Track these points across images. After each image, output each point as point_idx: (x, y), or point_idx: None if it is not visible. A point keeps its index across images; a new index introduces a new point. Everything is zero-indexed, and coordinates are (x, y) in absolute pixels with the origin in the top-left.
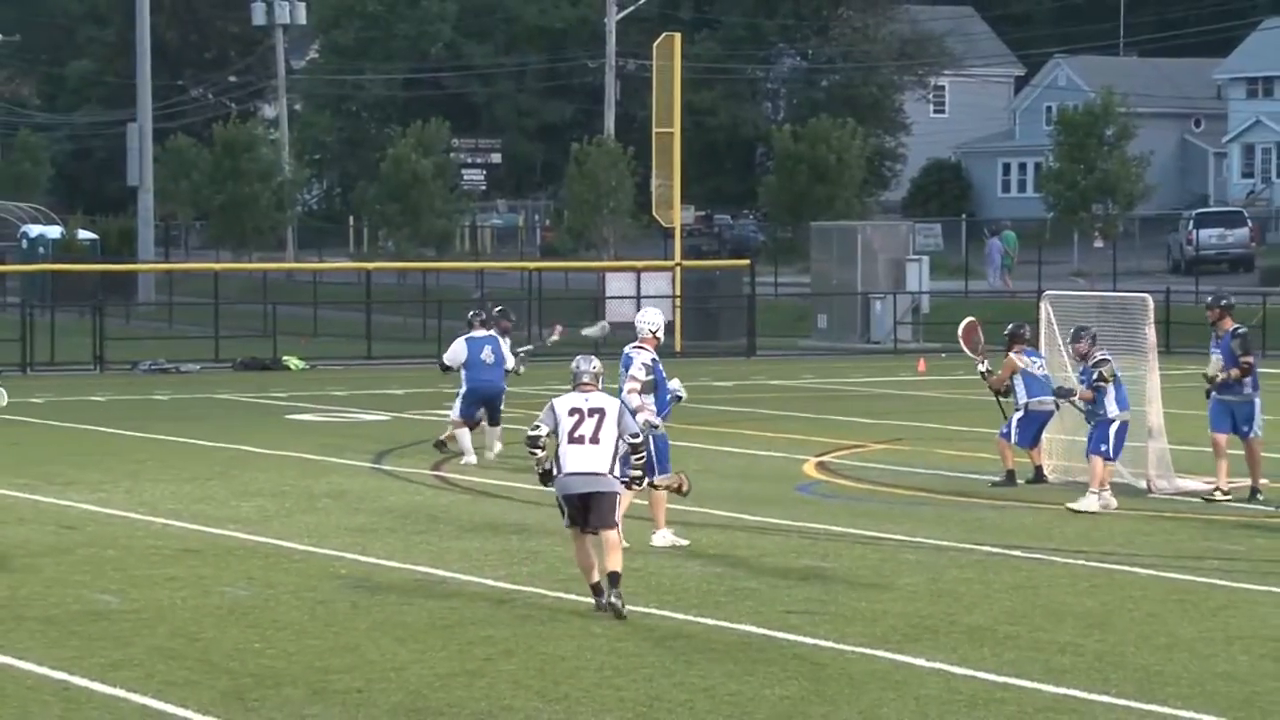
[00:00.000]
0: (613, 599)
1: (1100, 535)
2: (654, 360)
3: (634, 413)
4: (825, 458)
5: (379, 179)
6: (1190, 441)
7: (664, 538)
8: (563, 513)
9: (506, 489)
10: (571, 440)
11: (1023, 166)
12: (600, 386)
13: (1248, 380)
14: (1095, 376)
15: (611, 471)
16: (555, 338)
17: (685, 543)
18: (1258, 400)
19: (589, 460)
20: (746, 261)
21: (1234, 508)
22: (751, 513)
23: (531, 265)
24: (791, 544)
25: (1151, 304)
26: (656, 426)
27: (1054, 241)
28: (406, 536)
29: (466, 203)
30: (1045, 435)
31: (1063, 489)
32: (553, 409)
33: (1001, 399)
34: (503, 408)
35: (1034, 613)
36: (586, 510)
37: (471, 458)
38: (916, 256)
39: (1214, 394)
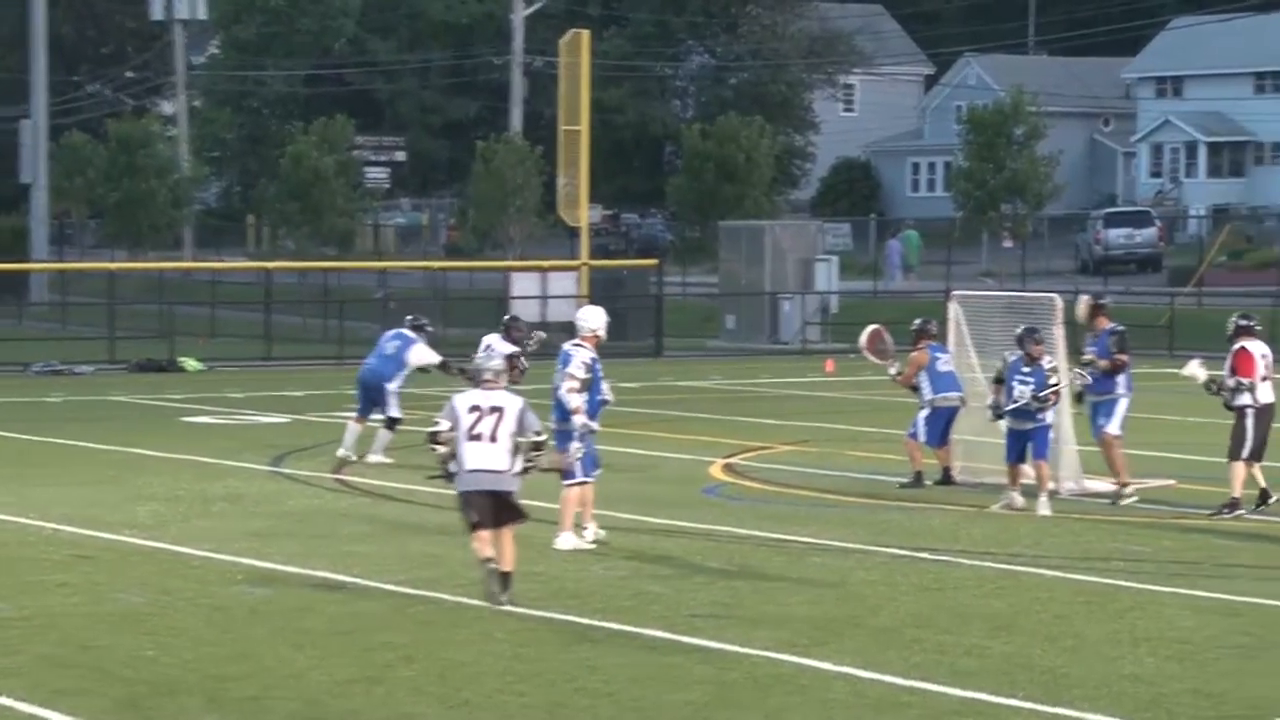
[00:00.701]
0: (503, 601)
1: (1007, 537)
2: (594, 359)
3: (572, 411)
4: (732, 459)
5: (280, 177)
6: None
7: (568, 540)
8: (464, 510)
9: (407, 492)
10: (470, 438)
11: (932, 166)
12: (503, 384)
13: (1120, 380)
14: (1050, 383)
15: (511, 469)
16: (532, 346)
17: (590, 545)
18: (1124, 400)
19: (487, 458)
20: (654, 261)
21: (1141, 508)
22: (657, 515)
23: (436, 265)
24: (697, 547)
25: (1060, 304)
26: (594, 431)
27: (963, 241)
28: (305, 541)
29: (369, 201)
30: (953, 436)
31: (970, 490)
32: (453, 406)
33: (897, 374)
34: (394, 413)
35: (941, 615)
36: (485, 508)
37: (347, 453)
38: (825, 256)
39: (1085, 396)
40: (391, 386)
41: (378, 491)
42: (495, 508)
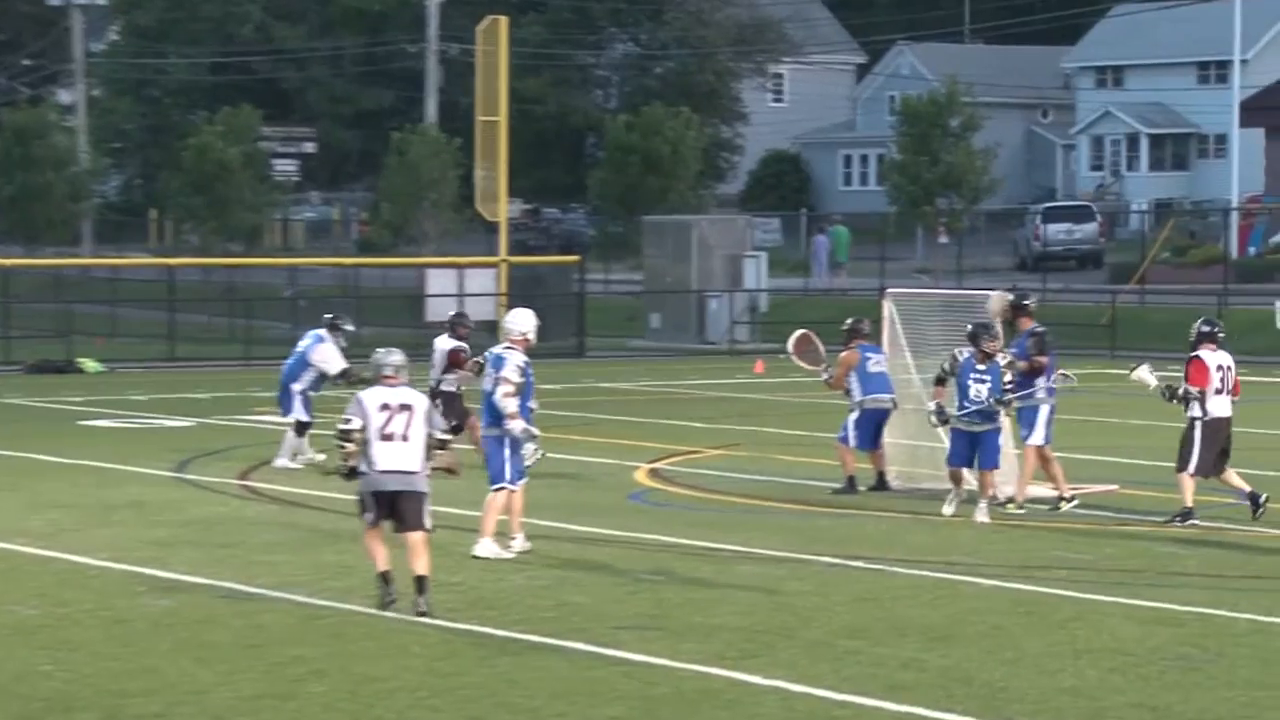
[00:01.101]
0: (421, 606)
1: (945, 545)
2: (526, 363)
3: (509, 417)
4: (658, 464)
5: (183, 169)
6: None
7: (487, 547)
8: (364, 510)
9: (319, 499)
10: (383, 437)
11: (864, 158)
12: (405, 380)
13: (1039, 383)
14: (1006, 380)
15: (423, 470)
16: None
17: (510, 555)
18: (1044, 408)
19: (401, 459)
20: (576, 258)
21: (1081, 514)
22: (580, 522)
23: (348, 261)
24: (623, 555)
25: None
26: (535, 436)
27: (897, 237)
28: (211, 550)
29: (277, 195)
30: (886, 440)
31: (906, 496)
32: (361, 403)
33: (830, 379)
34: (297, 414)
35: (875, 626)
36: (394, 510)
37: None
38: (754, 253)
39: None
40: (297, 388)
41: (287, 498)
42: (405, 510)
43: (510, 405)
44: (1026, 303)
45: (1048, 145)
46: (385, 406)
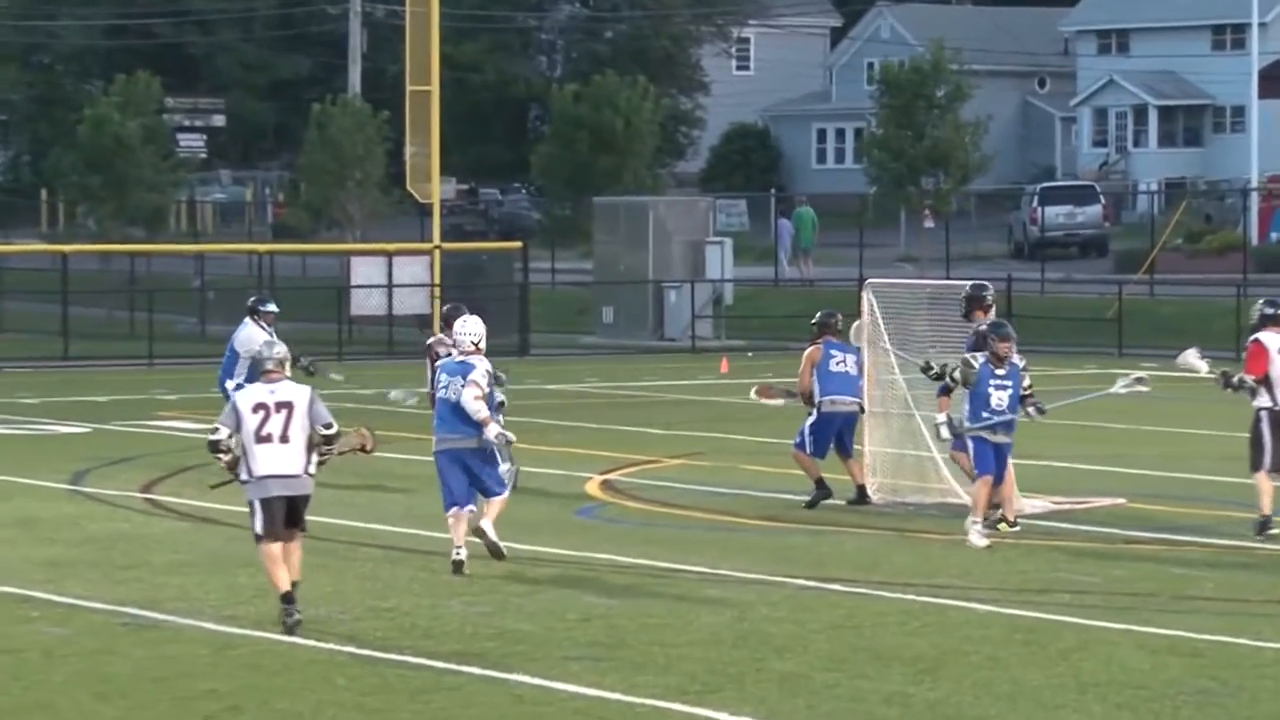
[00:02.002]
0: (294, 617)
1: (932, 566)
2: (490, 371)
3: (482, 423)
4: (611, 475)
5: (77, 145)
6: (1036, 455)
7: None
8: (255, 519)
9: (232, 514)
10: (259, 440)
11: (841, 133)
12: (288, 373)
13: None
14: (1026, 384)
15: (306, 471)
16: (337, 376)
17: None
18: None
19: (281, 461)
20: (518, 244)
21: (1086, 531)
22: (523, 540)
23: (262, 248)
24: (572, 577)
25: (991, 293)
26: (511, 441)
27: (878, 221)
28: (111, 571)
29: (183, 173)
30: (869, 449)
31: (890, 511)
32: (235, 406)
33: (792, 398)
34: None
35: (856, 657)
36: (279, 515)
37: None
38: (717, 239)
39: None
40: (231, 385)
41: (197, 513)
42: (287, 514)
43: (482, 410)
44: (984, 294)
45: (1045, 118)
46: (260, 406)
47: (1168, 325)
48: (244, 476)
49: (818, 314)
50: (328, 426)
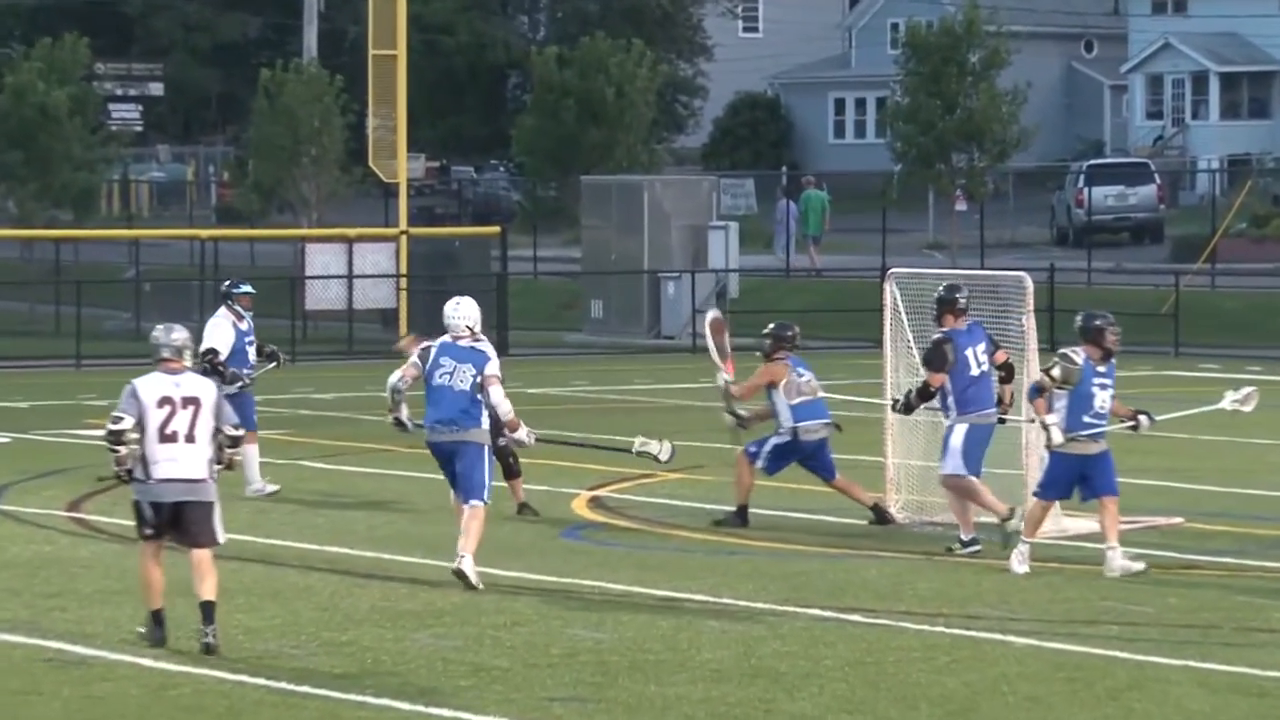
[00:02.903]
0: (208, 637)
1: (965, 594)
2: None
3: (510, 428)
4: (601, 491)
5: None
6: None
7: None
8: (142, 521)
9: None
10: (163, 439)
11: (861, 103)
12: (189, 364)
13: (949, 400)
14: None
15: (211, 475)
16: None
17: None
18: (958, 429)
19: (184, 465)
20: (496, 229)
21: (1139, 555)
22: (502, 566)
23: (205, 234)
24: (556, 609)
25: (1031, 285)
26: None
27: (903, 204)
28: (32, 600)
29: (115, 149)
30: (891, 462)
31: (915, 532)
32: (136, 394)
33: (740, 423)
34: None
35: (878, 697)
36: (176, 523)
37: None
38: (722, 223)
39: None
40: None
41: (129, 534)
42: (190, 523)
43: (510, 408)
44: (956, 296)
45: (1093, 87)
46: (166, 400)
47: (1231, 321)
48: (138, 475)
49: (771, 325)
50: (236, 427)
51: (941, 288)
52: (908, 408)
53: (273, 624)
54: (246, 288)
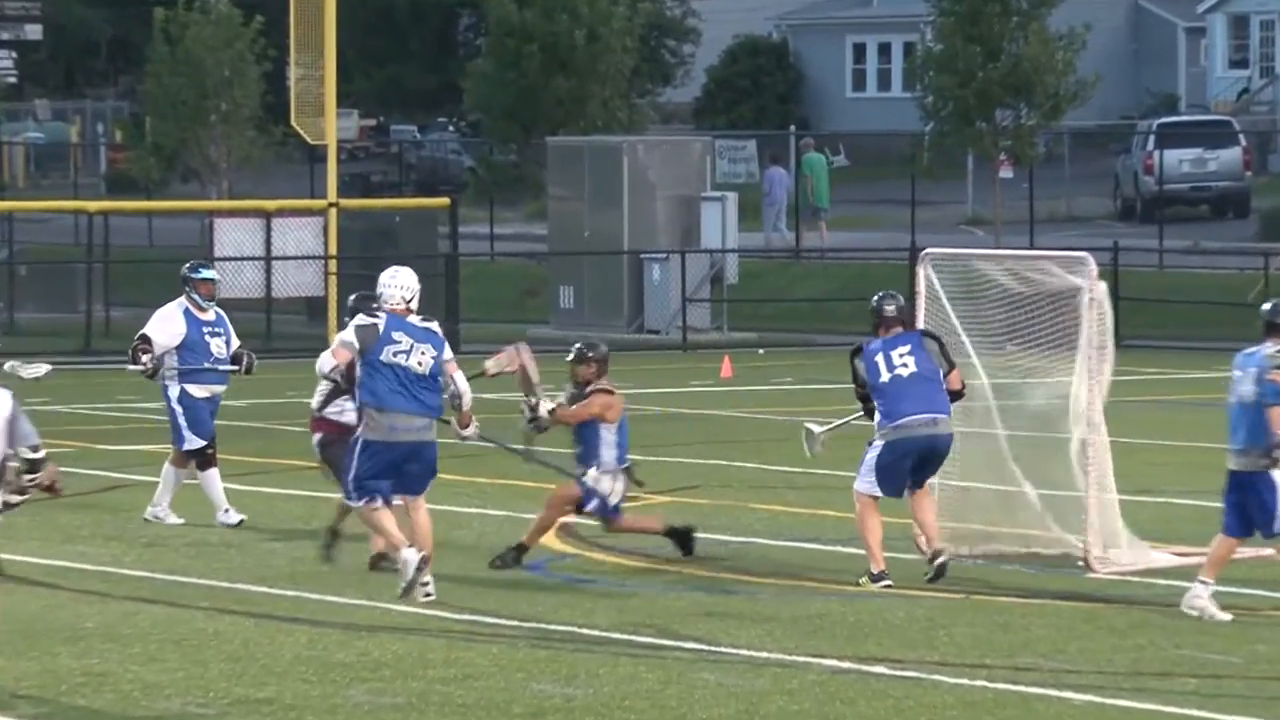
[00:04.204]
0: None
1: (1011, 641)
2: None
3: (464, 421)
4: (571, 517)
5: None
6: (1150, 489)
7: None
8: None
9: (52, 571)
10: None
11: (885, 49)
12: None
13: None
14: None
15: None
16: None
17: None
18: (873, 447)
19: None
20: (444, 201)
21: (1220, 593)
22: (453, 606)
23: (93, 206)
24: (518, 658)
25: (1094, 267)
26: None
27: (937, 170)
28: None
29: None
30: (932, 481)
31: (956, 565)
32: None
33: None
34: (183, 440)
35: None
36: None
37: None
38: (717, 194)
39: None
40: (172, 394)
41: (7, 570)
42: None
43: (471, 398)
44: (887, 306)
45: (1164, 30)
46: None
47: None
48: None
49: (578, 345)
50: (34, 449)
51: (874, 299)
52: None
53: (175, 678)
54: (208, 273)
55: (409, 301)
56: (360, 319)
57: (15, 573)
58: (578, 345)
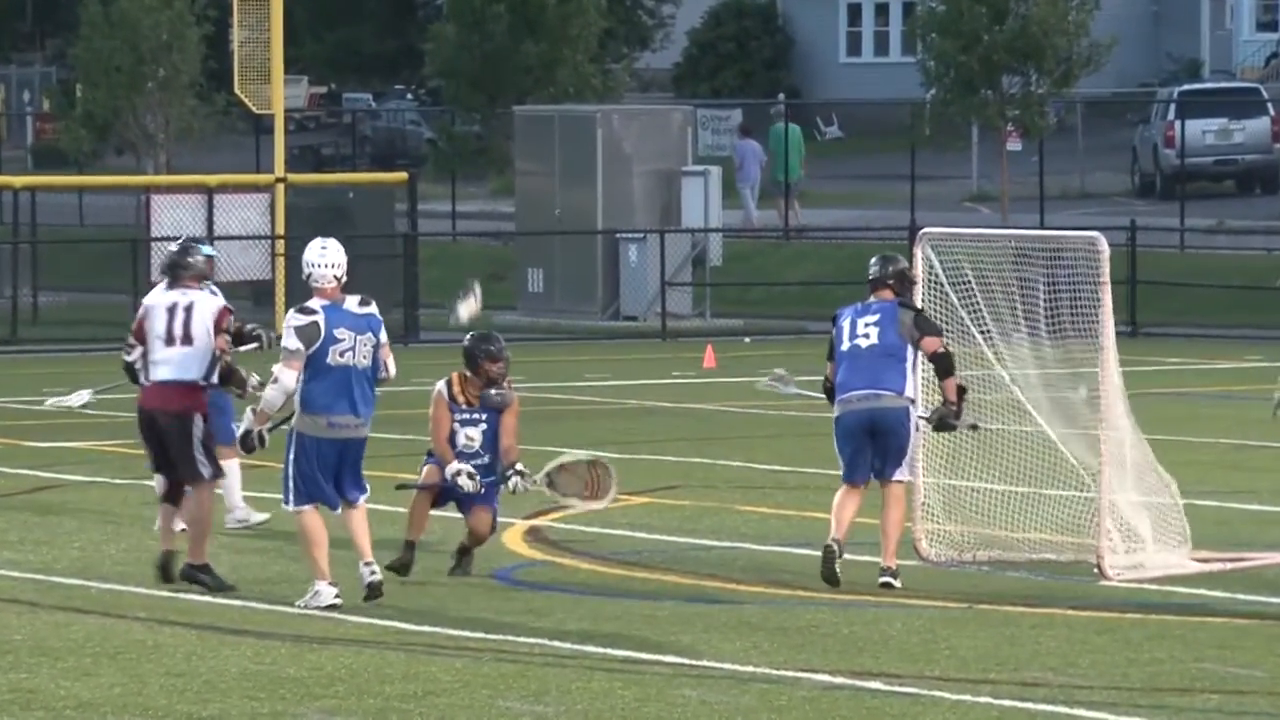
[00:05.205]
0: None
1: (1018, 653)
2: None
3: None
4: (541, 520)
5: None
6: (1182, 490)
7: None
8: None
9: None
10: None
11: (882, 10)
12: None
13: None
14: None
15: None
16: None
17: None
18: (912, 410)
19: None
20: (402, 176)
21: (1247, 602)
22: (414, 618)
23: (19, 181)
24: (483, 672)
25: (1106, 249)
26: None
27: (938, 142)
28: None
29: None
30: (922, 481)
31: (954, 573)
32: None
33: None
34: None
35: None
36: None
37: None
38: (699, 168)
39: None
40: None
41: None
42: None
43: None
44: (870, 266)
45: None
46: None
47: None
48: None
49: (471, 336)
50: None
51: (892, 262)
52: (942, 425)
53: (111, 694)
54: (208, 250)
55: (340, 278)
56: (294, 317)
57: None
58: (486, 338)
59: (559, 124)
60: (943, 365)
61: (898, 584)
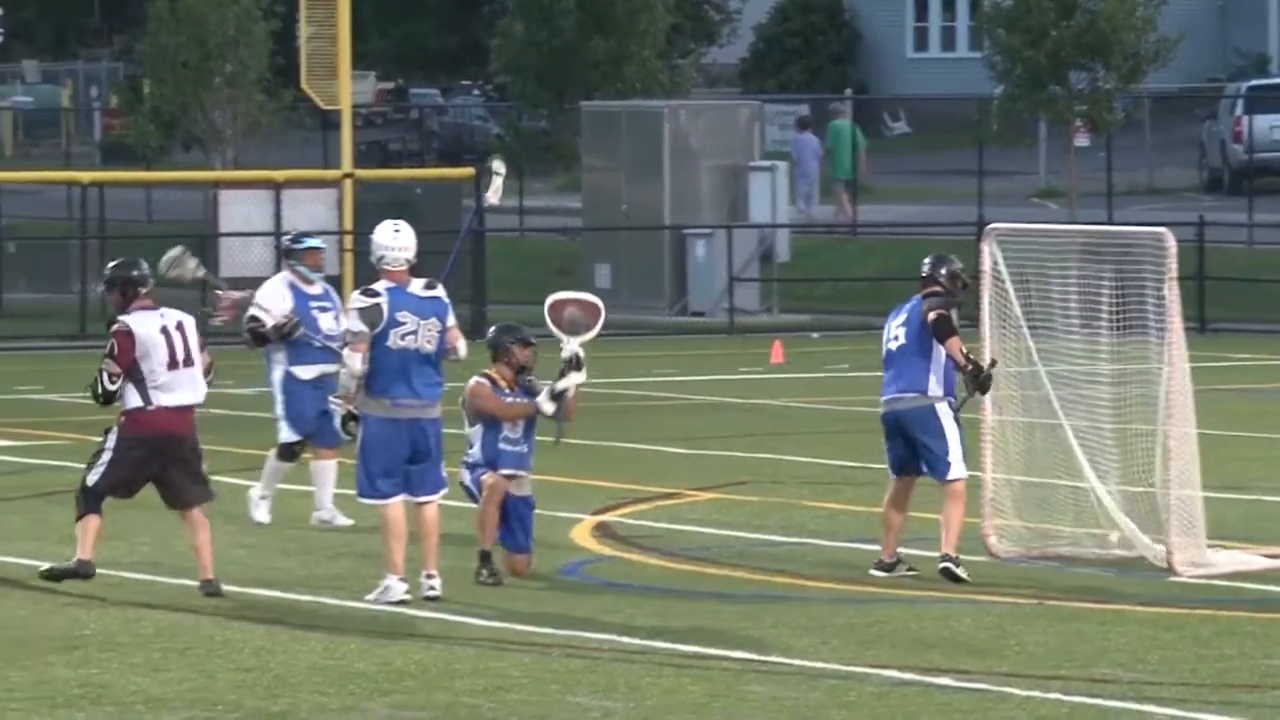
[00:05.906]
0: None
1: (1087, 650)
2: None
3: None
4: (610, 515)
5: None
6: (1238, 484)
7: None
8: None
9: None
10: None
11: (950, 5)
12: None
13: (932, 379)
14: None
15: None
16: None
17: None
18: (941, 407)
19: None
20: (469, 171)
21: None
22: (483, 614)
23: (86, 177)
24: (552, 668)
25: (1174, 245)
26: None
27: (1006, 137)
28: None
29: None
30: (989, 477)
31: (1025, 568)
32: None
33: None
34: (281, 434)
35: None
36: None
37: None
38: (767, 163)
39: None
40: (275, 378)
41: None
42: None
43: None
44: (924, 263)
45: None
46: None
47: None
48: None
49: (494, 329)
50: None
51: (931, 262)
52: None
53: (180, 690)
54: (314, 241)
55: (411, 263)
56: (358, 298)
57: (7, 576)
58: (510, 328)
59: (626, 119)
60: (940, 329)
61: (959, 571)
